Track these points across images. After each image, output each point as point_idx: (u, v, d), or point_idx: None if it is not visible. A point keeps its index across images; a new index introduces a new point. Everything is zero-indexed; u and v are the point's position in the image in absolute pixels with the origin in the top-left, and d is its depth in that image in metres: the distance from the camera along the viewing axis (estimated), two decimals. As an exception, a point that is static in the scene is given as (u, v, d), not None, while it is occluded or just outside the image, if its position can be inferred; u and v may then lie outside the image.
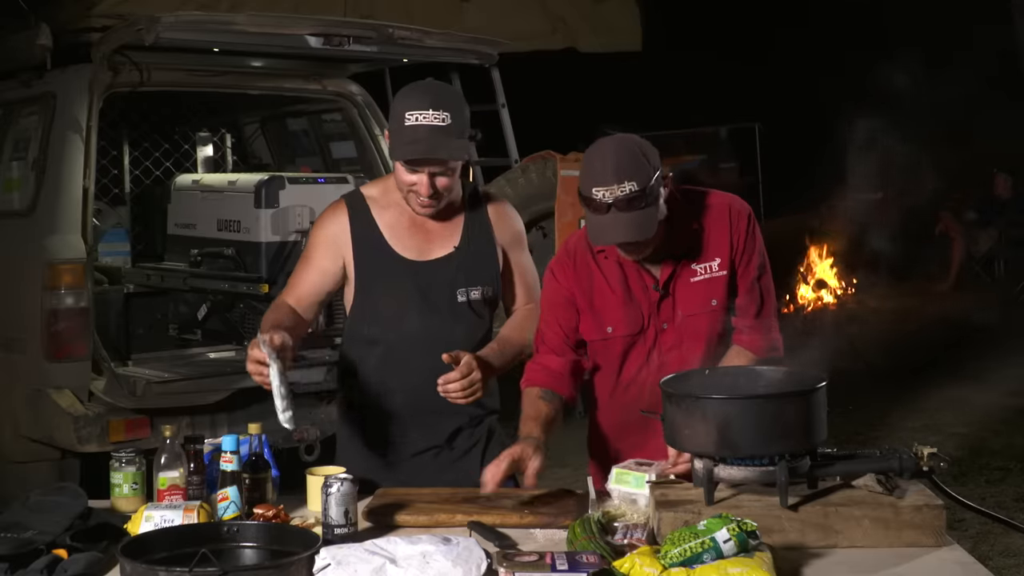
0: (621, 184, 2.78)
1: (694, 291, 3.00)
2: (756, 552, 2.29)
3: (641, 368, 3.05)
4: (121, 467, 2.89)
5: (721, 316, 3.03)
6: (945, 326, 11.55)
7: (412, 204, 3.08)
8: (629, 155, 2.82)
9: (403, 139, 2.96)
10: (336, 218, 3.16)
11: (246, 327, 5.93)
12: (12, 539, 2.51)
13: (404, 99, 2.99)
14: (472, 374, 2.95)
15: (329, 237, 3.15)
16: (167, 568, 2.25)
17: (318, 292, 3.16)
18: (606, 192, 2.79)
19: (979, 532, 5.38)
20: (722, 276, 3.01)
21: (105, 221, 6.57)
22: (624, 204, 2.79)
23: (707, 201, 3.05)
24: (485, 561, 2.34)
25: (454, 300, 3.13)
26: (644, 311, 3.02)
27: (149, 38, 5.07)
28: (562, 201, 7.44)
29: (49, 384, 5.24)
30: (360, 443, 3.22)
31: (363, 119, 6.61)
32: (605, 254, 3.03)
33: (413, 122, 2.94)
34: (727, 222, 3.01)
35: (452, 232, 3.15)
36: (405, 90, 3.04)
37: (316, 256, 3.16)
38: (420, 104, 2.95)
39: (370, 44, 5.74)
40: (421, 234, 3.14)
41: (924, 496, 2.60)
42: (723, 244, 3.00)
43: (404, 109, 2.96)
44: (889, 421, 7.85)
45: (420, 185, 3.01)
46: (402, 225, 3.13)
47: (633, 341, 3.04)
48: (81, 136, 5.32)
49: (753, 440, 2.57)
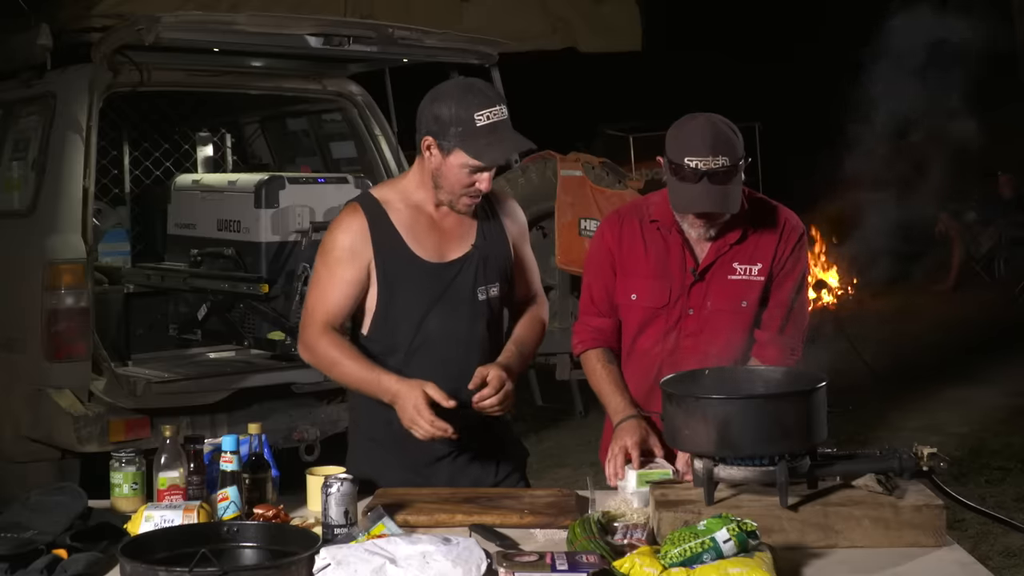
0: (716, 157, 2.87)
1: (729, 287, 3.05)
2: (756, 552, 2.29)
3: (656, 343, 3.10)
4: (121, 467, 2.89)
5: (747, 321, 3.06)
6: (945, 326, 11.55)
7: (459, 204, 3.07)
8: (724, 132, 2.92)
9: (481, 139, 2.95)
10: (354, 225, 3.09)
11: (246, 327, 5.93)
12: (12, 539, 2.51)
13: (464, 101, 2.96)
14: (505, 385, 2.99)
15: (350, 246, 3.08)
16: (167, 568, 2.25)
17: (350, 306, 3.11)
18: (700, 162, 2.87)
19: (979, 532, 5.38)
20: (759, 282, 3.06)
21: (105, 221, 6.57)
22: (716, 176, 2.87)
23: (765, 208, 3.12)
24: (485, 561, 2.34)
25: (475, 299, 3.13)
26: (674, 290, 3.07)
27: (149, 38, 5.07)
28: (562, 201, 7.44)
29: (49, 384, 5.25)
30: (378, 446, 3.17)
31: (363, 119, 6.61)
32: (658, 225, 3.08)
33: (486, 121, 2.95)
34: (778, 233, 3.08)
35: (467, 231, 3.15)
36: (456, 94, 2.99)
37: (340, 270, 3.08)
38: (485, 103, 2.96)
39: (370, 44, 5.74)
40: (437, 235, 3.12)
41: (924, 496, 2.60)
42: (768, 252, 3.06)
43: (471, 110, 2.94)
44: (889, 421, 7.84)
45: (482, 182, 3.02)
46: (420, 227, 3.11)
47: (654, 315, 3.09)
48: (81, 136, 5.33)
49: (753, 440, 2.57)
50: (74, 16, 5.99)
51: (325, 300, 3.10)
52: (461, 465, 3.15)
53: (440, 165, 3.01)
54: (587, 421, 7.83)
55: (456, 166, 2.99)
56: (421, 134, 3.03)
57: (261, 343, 5.85)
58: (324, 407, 5.75)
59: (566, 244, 7.41)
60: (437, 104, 3.00)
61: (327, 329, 3.07)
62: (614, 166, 7.91)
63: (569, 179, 7.47)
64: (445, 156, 2.99)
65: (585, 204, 7.40)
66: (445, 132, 2.97)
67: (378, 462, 3.14)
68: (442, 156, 2.99)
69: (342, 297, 3.09)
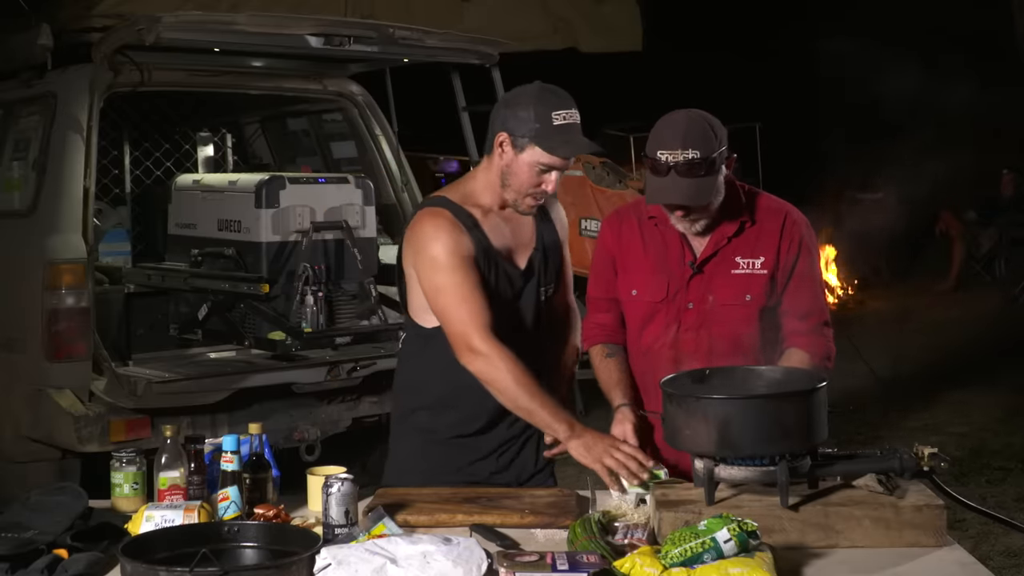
0: (685, 150, 2.92)
1: (733, 281, 3.08)
2: (756, 552, 2.30)
3: (658, 339, 3.12)
4: (122, 467, 2.89)
5: (753, 315, 3.08)
6: (945, 326, 11.55)
7: (523, 204, 3.10)
8: (697, 126, 2.97)
9: (557, 139, 3.01)
10: (458, 232, 3.07)
11: (246, 327, 5.93)
12: (13, 539, 2.51)
13: (543, 99, 3.03)
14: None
15: (468, 248, 3.06)
16: (168, 568, 2.25)
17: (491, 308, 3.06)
18: (669, 156, 2.92)
19: (980, 532, 5.38)
20: (762, 275, 3.08)
21: (106, 221, 6.56)
22: (684, 169, 2.92)
23: (765, 203, 3.16)
24: (486, 561, 2.34)
25: (538, 300, 3.21)
26: (672, 284, 3.10)
27: (150, 38, 5.06)
28: (562, 201, 7.42)
29: (50, 384, 5.24)
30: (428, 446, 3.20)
31: (363, 119, 6.61)
32: (656, 221, 3.13)
33: (562, 121, 3.02)
34: (779, 227, 3.11)
35: (529, 233, 3.21)
36: (536, 95, 3.05)
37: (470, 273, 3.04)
38: (562, 104, 3.04)
39: (371, 44, 5.74)
40: (506, 237, 3.17)
41: (925, 496, 2.61)
42: (771, 247, 3.09)
43: (550, 108, 3.01)
44: (889, 421, 7.84)
45: (549, 183, 3.08)
46: (496, 230, 3.15)
47: (655, 310, 3.13)
48: (82, 136, 5.32)
49: (754, 440, 2.58)
50: (74, 16, 5.98)
51: (473, 305, 3.02)
52: (504, 463, 3.20)
53: (512, 162, 3.06)
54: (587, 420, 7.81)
55: (528, 163, 3.04)
56: (495, 132, 3.07)
57: (262, 343, 5.84)
58: (325, 407, 5.74)
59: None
60: (514, 103, 3.07)
61: (493, 339, 3.00)
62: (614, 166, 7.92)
63: (569, 179, 7.48)
64: (518, 153, 3.04)
65: (585, 204, 7.41)
66: (520, 128, 3.02)
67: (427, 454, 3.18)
68: (514, 153, 3.05)
69: (484, 297, 3.04)
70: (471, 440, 3.19)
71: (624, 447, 2.91)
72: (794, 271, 3.10)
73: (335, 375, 5.58)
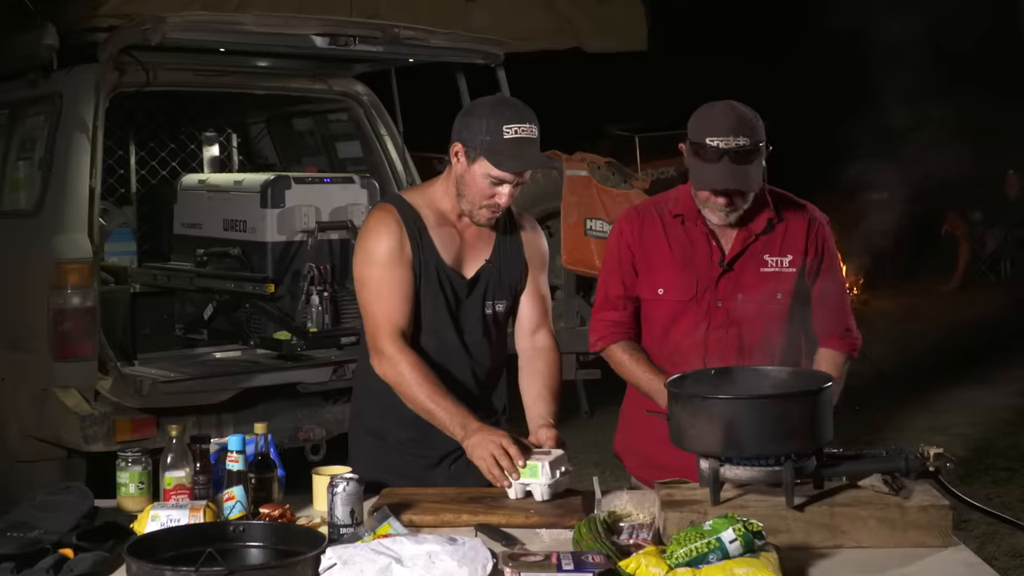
0: (737, 137, 2.95)
1: (762, 279, 3.10)
2: (762, 552, 2.29)
3: (686, 337, 3.13)
4: (127, 466, 2.89)
5: (783, 313, 3.11)
6: (951, 326, 11.54)
7: (479, 215, 3.08)
8: (746, 114, 3.00)
9: (505, 152, 2.98)
10: (393, 226, 3.08)
11: (252, 327, 5.94)
12: (18, 538, 2.51)
13: (496, 112, 3.00)
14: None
15: (398, 246, 3.06)
16: (173, 568, 2.25)
17: (411, 309, 3.07)
18: (721, 142, 2.95)
19: (985, 532, 5.37)
20: (791, 273, 3.11)
21: (111, 221, 6.58)
22: (736, 156, 2.95)
23: (791, 201, 3.20)
24: (491, 561, 2.34)
25: (483, 312, 3.17)
26: (701, 282, 3.11)
27: (155, 38, 5.07)
28: (567, 201, 7.44)
29: (55, 384, 5.25)
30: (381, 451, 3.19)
31: (369, 119, 6.62)
32: (682, 219, 3.14)
33: (513, 135, 2.98)
34: (806, 225, 3.16)
35: (485, 244, 3.18)
36: (490, 106, 3.04)
37: (396, 271, 3.05)
38: (516, 118, 2.99)
39: (376, 44, 5.75)
40: (458, 246, 3.15)
41: (930, 496, 2.60)
42: (798, 245, 3.13)
43: (502, 122, 2.98)
44: (895, 421, 7.84)
45: (502, 196, 3.04)
46: (446, 237, 3.13)
47: (683, 308, 3.13)
48: (87, 136, 5.33)
49: (759, 440, 2.57)
50: (80, 16, 5.99)
51: (389, 305, 3.05)
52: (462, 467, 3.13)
53: (465, 172, 3.04)
54: (592, 421, 7.83)
55: (479, 175, 3.02)
56: (452, 141, 3.06)
57: (267, 343, 5.85)
58: (330, 407, 5.75)
59: (572, 244, 7.41)
60: (470, 113, 3.05)
61: (400, 342, 3.02)
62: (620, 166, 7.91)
63: (575, 179, 7.46)
64: (470, 164, 3.02)
65: (591, 204, 7.40)
66: (473, 140, 3.00)
67: (380, 460, 3.16)
68: (467, 163, 3.03)
69: (404, 300, 3.06)
70: (418, 447, 3.16)
71: (504, 444, 2.85)
72: (820, 270, 3.15)
73: (340, 375, 5.58)
